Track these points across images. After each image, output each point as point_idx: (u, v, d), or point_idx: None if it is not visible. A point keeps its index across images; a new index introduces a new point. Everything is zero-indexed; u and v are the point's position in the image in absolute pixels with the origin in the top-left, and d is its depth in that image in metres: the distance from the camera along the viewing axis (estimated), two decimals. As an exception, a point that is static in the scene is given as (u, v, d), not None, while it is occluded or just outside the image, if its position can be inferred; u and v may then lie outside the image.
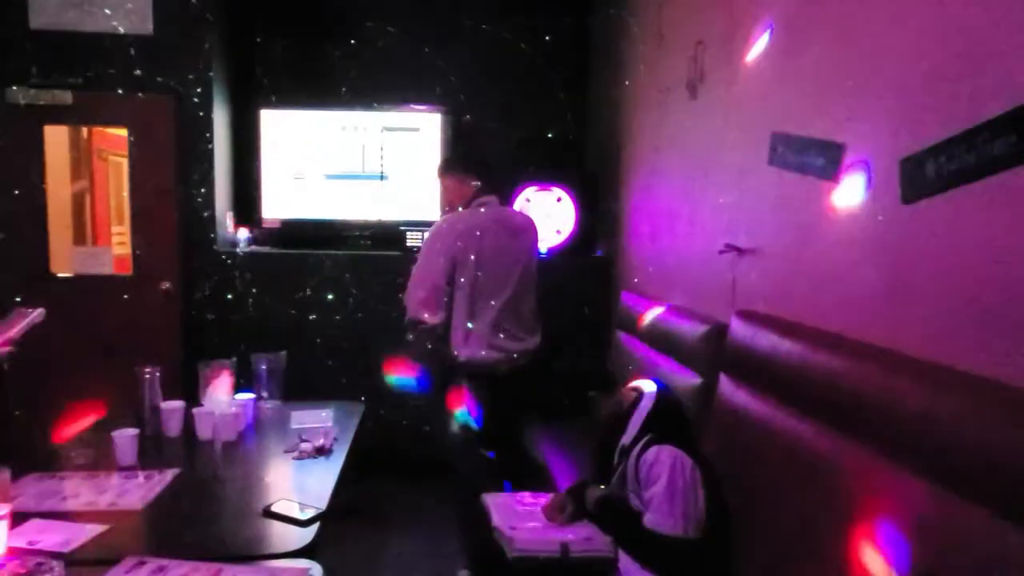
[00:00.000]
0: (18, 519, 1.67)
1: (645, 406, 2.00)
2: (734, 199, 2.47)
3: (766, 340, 2.02)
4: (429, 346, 2.76)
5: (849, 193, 1.78)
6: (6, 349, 2.13)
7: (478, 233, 2.79)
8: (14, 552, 1.52)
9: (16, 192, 3.81)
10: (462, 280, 2.76)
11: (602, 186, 4.09)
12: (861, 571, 1.43)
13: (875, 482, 1.46)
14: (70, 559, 1.50)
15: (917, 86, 1.55)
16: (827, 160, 1.85)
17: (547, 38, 4.31)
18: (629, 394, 2.07)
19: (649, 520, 1.82)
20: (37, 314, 2.23)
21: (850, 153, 1.78)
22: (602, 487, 2.09)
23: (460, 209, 2.92)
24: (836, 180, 1.82)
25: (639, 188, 3.60)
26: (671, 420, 2.01)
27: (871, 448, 1.52)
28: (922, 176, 1.51)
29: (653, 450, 1.87)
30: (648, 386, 2.06)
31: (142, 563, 1.49)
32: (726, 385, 2.22)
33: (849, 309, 1.79)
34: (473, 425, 2.77)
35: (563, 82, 4.38)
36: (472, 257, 2.77)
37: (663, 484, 1.81)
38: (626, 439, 2.00)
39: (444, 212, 3.07)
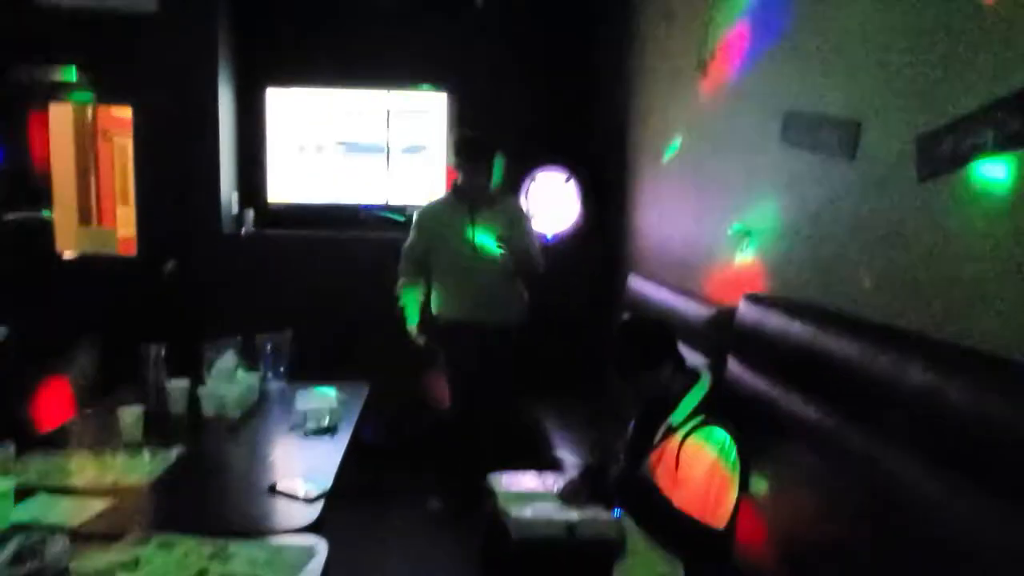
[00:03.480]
0: (23, 494, 1.67)
1: (701, 389, 1.91)
2: (744, 179, 2.44)
3: (775, 322, 2.00)
4: None
5: (863, 171, 1.75)
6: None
7: None
8: (19, 526, 1.52)
9: (22, 171, 3.80)
10: None
11: (609, 167, 4.05)
12: (869, 551, 1.42)
13: (884, 464, 1.45)
14: (75, 534, 1.50)
15: (935, 61, 1.52)
16: (841, 138, 1.82)
17: (555, 17, 4.26)
18: (679, 376, 1.97)
19: (680, 501, 1.77)
20: None
21: (865, 130, 1.75)
22: (624, 469, 2.02)
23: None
24: (850, 158, 1.80)
25: (647, 169, 3.57)
26: (726, 405, 1.92)
27: (879, 430, 1.50)
28: (939, 153, 1.48)
29: (704, 431, 1.80)
30: (705, 371, 1.99)
31: (148, 538, 1.49)
32: (734, 368, 2.21)
33: (861, 290, 1.77)
34: None
35: (571, 62, 4.33)
36: None
37: (705, 469, 1.76)
38: (676, 419, 1.89)
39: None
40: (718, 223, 2.59)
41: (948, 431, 1.31)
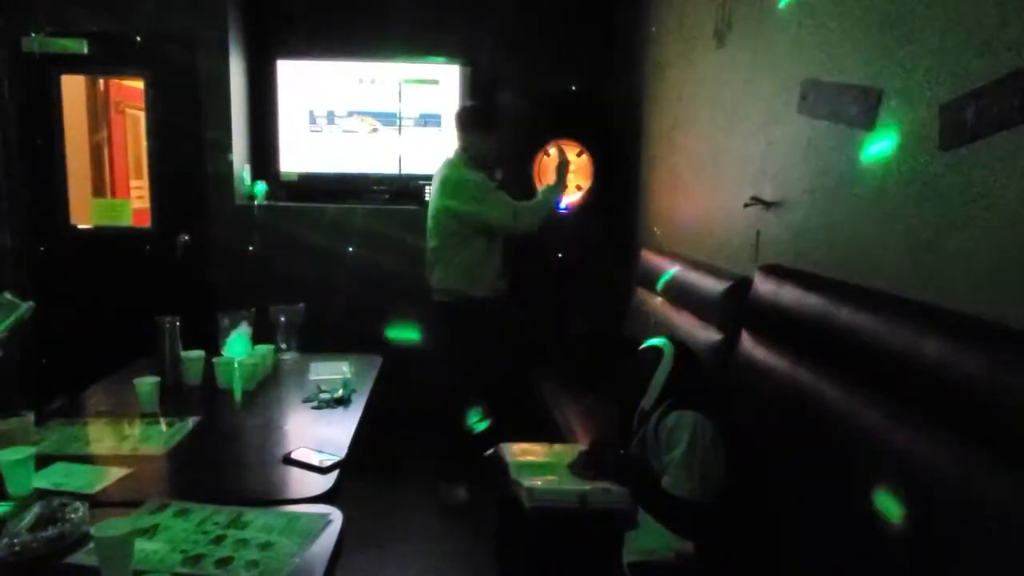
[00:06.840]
0: (43, 462, 1.70)
1: (664, 369, 1.95)
2: (761, 150, 2.40)
3: (790, 295, 1.98)
4: None
5: (884, 141, 1.72)
6: None
7: None
8: (40, 492, 1.54)
9: (36, 142, 3.81)
10: None
11: (624, 139, 4.01)
12: (882, 526, 1.41)
13: (901, 440, 1.43)
14: (94, 500, 1.53)
15: (959, 27, 1.48)
16: (862, 107, 1.79)
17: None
18: (647, 355, 2.02)
19: (667, 483, 1.80)
20: (26, 308, 2.09)
21: (887, 99, 1.71)
22: (621, 451, 2.06)
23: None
24: (871, 128, 1.76)
25: (661, 141, 3.53)
26: (691, 382, 1.95)
27: (897, 405, 1.49)
28: (962, 122, 1.45)
29: (674, 415, 1.83)
30: (667, 347, 2.00)
31: (165, 505, 1.51)
32: (747, 341, 2.19)
33: (880, 262, 1.74)
34: None
35: (586, 32, 4.27)
36: None
37: (683, 449, 1.78)
38: (646, 403, 1.94)
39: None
40: (734, 194, 2.56)
41: (966, 404, 1.30)
